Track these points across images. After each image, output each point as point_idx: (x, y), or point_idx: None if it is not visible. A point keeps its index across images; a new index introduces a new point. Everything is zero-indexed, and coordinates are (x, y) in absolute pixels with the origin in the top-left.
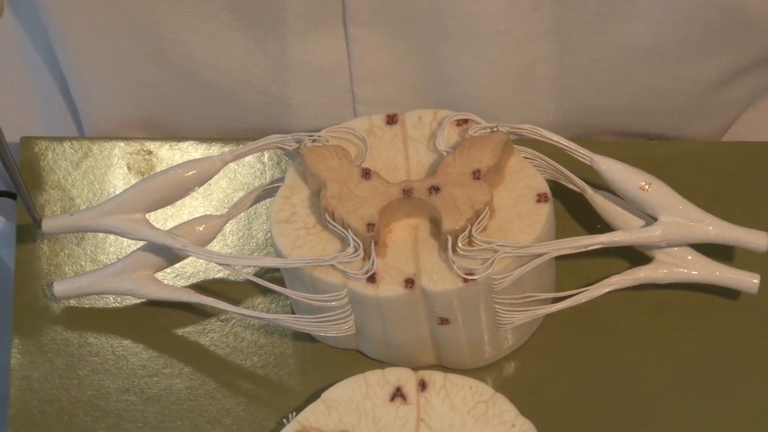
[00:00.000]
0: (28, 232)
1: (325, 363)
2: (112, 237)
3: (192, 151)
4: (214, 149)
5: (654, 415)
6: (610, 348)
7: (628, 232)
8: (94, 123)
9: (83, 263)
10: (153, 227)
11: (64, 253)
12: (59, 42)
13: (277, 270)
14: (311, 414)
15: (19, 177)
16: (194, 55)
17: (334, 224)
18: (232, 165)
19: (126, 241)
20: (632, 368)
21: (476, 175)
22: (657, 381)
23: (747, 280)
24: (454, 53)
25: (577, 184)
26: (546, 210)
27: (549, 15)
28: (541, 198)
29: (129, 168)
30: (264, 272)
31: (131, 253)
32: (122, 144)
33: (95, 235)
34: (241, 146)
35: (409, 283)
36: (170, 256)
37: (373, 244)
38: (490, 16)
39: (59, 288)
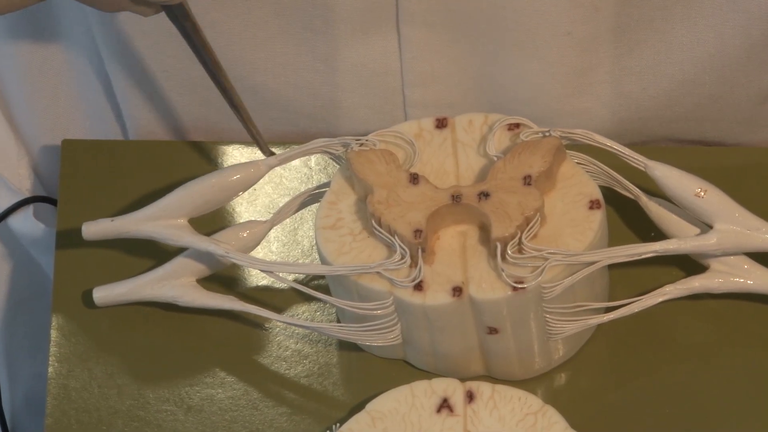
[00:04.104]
0: (67, 238)
1: (371, 373)
2: (153, 243)
3: (237, 154)
4: (260, 153)
5: (710, 428)
6: (663, 359)
7: (682, 240)
8: (137, 125)
9: (124, 270)
10: (195, 233)
11: (104, 259)
12: (104, 43)
13: (322, 277)
14: (355, 425)
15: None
16: (243, 59)
17: (381, 230)
18: (277, 169)
19: (168, 248)
20: (686, 380)
21: (527, 180)
22: (712, 393)
23: None
24: (510, 55)
25: (631, 190)
26: (598, 217)
27: (611, 14)
28: (593, 204)
29: (172, 172)
30: (309, 280)
31: (173, 259)
32: (166, 147)
33: (136, 241)
34: (287, 150)
35: (457, 291)
36: (213, 263)
37: (420, 251)
38: (551, 16)
39: (99, 295)
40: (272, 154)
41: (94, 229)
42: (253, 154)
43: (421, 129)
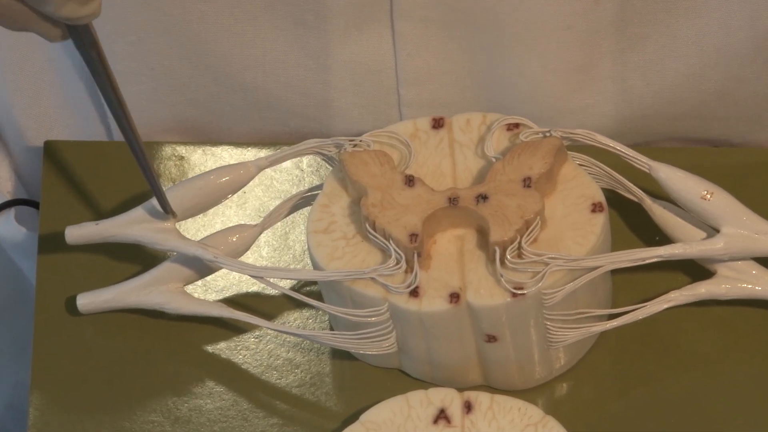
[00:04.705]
0: (50, 242)
1: (365, 382)
2: (139, 247)
3: (226, 156)
4: (250, 154)
5: None
6: (668, 368)
7: (688, 244)
8: None
9: (108, 275)
10: (183, 237)
11: (89, 264)
12: None
13: (315, 283)
14: None
15: (153, 175)
16: (231, 56)
17: (375, 234)
18: (268, 171)
19: (154, 252)
20: (692, 390)
21: (527, 182)
22: (719, 403)
23: None
24: (508, 51)
25: (635, 193)
26: (601, 220)
27: (612, 7)
28: (596, 207)
29: (159, 174)
30: (300, 286)
31: (159, 264)
32: (152, 148)
33: (121, 246)
34: (277, 151)
35: (455, 297)
36: (201, 268)
37: (416, 255)
38: (551, 10)
39: (83, 302)
40: (173, 213)
41: (77, 233)
42: (243, 155)
43: (416, 129)
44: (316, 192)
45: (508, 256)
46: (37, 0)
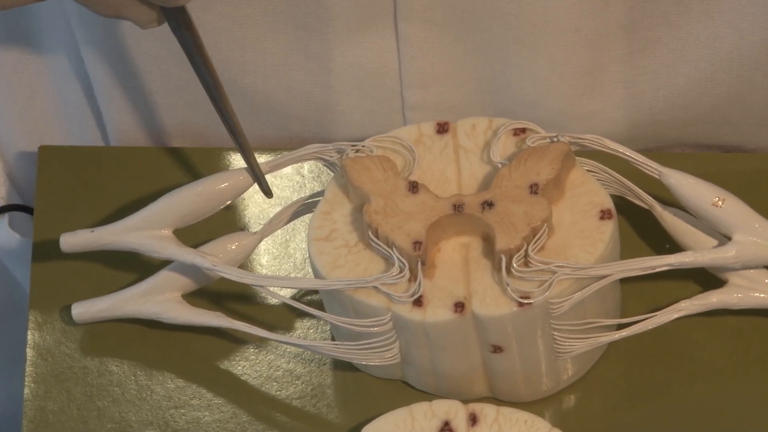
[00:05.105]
0: (44, 249)
1: (367, 394)
2: (135, 255)
3: (225, 161)
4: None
5: None
6: (679, 379)
7: (699, 252)
8: (119, 130)
9: (104, 284)
10: (181, 245)
11: (84, 272)
12: (84, 41)
13: (316, 292)
14: None
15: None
16: (231, 59)
17: (378, 242)
18: (268, 177)
19: (151, 260)
20: (704, 401)
21: (534, 189)
22: (731, 415)
23: None
24: (515, 54)
25: (645, 199)
26: (610, 228)
27: (622, 9)
28: (604, 215)
29: (155, 180)
30: (301, 295)
31: (157, 273)
32: (149, 153)
33: (117, 254)
34: (278, 156)
35: (459, 306)
36: (199, 277)
37: (420, 264)
38: (559, 11)
39: (78, 311)
40: (272, 195)
41: (73, 240)
42: (242, 160)
43: (420, 134)
44: (317, 198)
45: (515, 265)
46: None
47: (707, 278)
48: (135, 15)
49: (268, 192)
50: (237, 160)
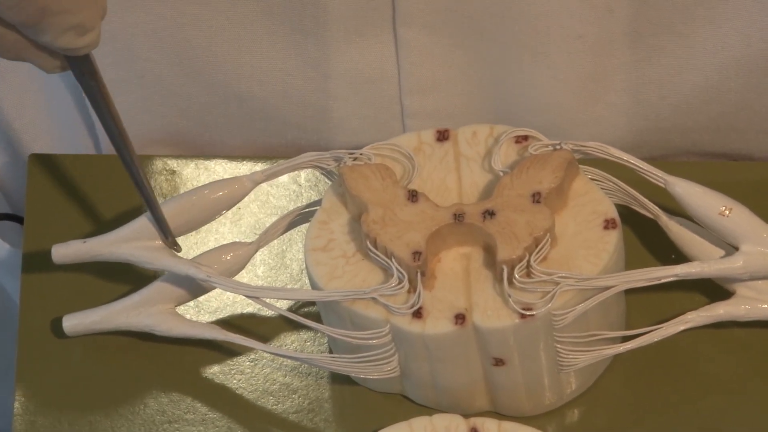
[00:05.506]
0: (35, 260)
1: (366, 408)
2: (128, 266)
3: (219, 170)
4: (245, 168)
5: None
6: (684, 393)
7: (706, 263)
8: None
9: (96, 296)
10: (175, 255)
11: (75, 284)
12: None
13: (313, 304)
14: None
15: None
16: (226, 63)
17: (377, 252)
18: (264, 186)
19: (144, 271)
20: (710, 416)
21: (536, 198)
22: (739, 429)
23: None
24: (517, 60)
25: (650, 209)
26: (614, 238)
27: (626, 16)
28: (608, 224)
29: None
30: (298, 306)
31: (150, 284)
32: (142, 162)
33: (110, 265)
34: (274, 165)
35: (460, 318)
36: (193, 288)
37: (419, 274)
38: (561, 18)
39: (69, 323)
40: (177, 246)
41: (64, 251)
42: (238, 169)
43: (420, 142)
44: (314, 208)
45: (517, 276)
46: (34, 30)
47: (714, 289)
48: (38, 61)
49: (174, 245)
50: (231, 169)
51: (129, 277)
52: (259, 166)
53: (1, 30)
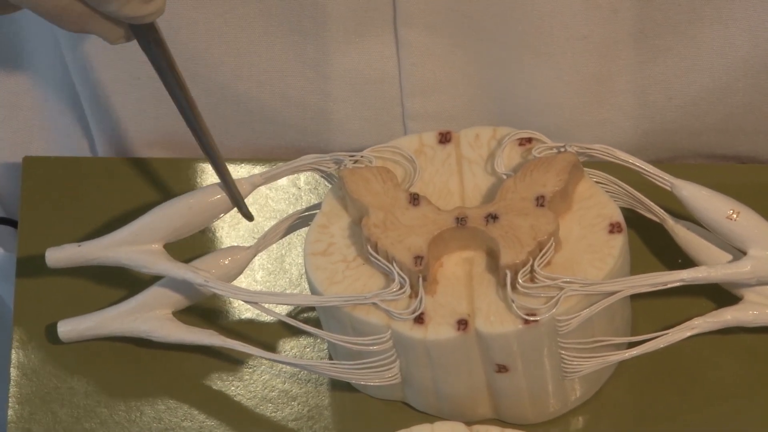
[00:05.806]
0: (29, 264)
1: (367, 416)
2: (124, 271)
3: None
4: (243, 171)
5: None
6: (691, 400)
7: (713, 267)
8: (106, 140)
9: (91, 301)
10: (172, 260)
11: (70, 289)
12: (70, 48)
13: (313, 309)
14: None
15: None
16: (223, 64)
17: (377, 257)
18: (262, 189)
19: (141, 276)
20: (718, 422)
21: (540, 201)
22: None
23: None
24: (520, 61)
25: (656, 212)
26: (620, 242)
27: (631, 17)
28: (614, 228)
29: (145, 192)
30: (297, 312)
31: (146, 289)
32: (138, 164)
33: (105, 269)
34: (273, 167)
35: (462, 324)
36: (191, 293)
37: (421, 279)
38: (565, 18)
39: (64, 329)
40: (252, 219)
41: (58, 255)
42: (236, 172)
43: (422, 144)
44: (314, 211)
45: (520, 281)
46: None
47: (721, 294)
48: (102, 31)
49: (248, 216)
50: (230, 172)
51: (125, 282)
52: (257, 169)
53: (66, 1)
